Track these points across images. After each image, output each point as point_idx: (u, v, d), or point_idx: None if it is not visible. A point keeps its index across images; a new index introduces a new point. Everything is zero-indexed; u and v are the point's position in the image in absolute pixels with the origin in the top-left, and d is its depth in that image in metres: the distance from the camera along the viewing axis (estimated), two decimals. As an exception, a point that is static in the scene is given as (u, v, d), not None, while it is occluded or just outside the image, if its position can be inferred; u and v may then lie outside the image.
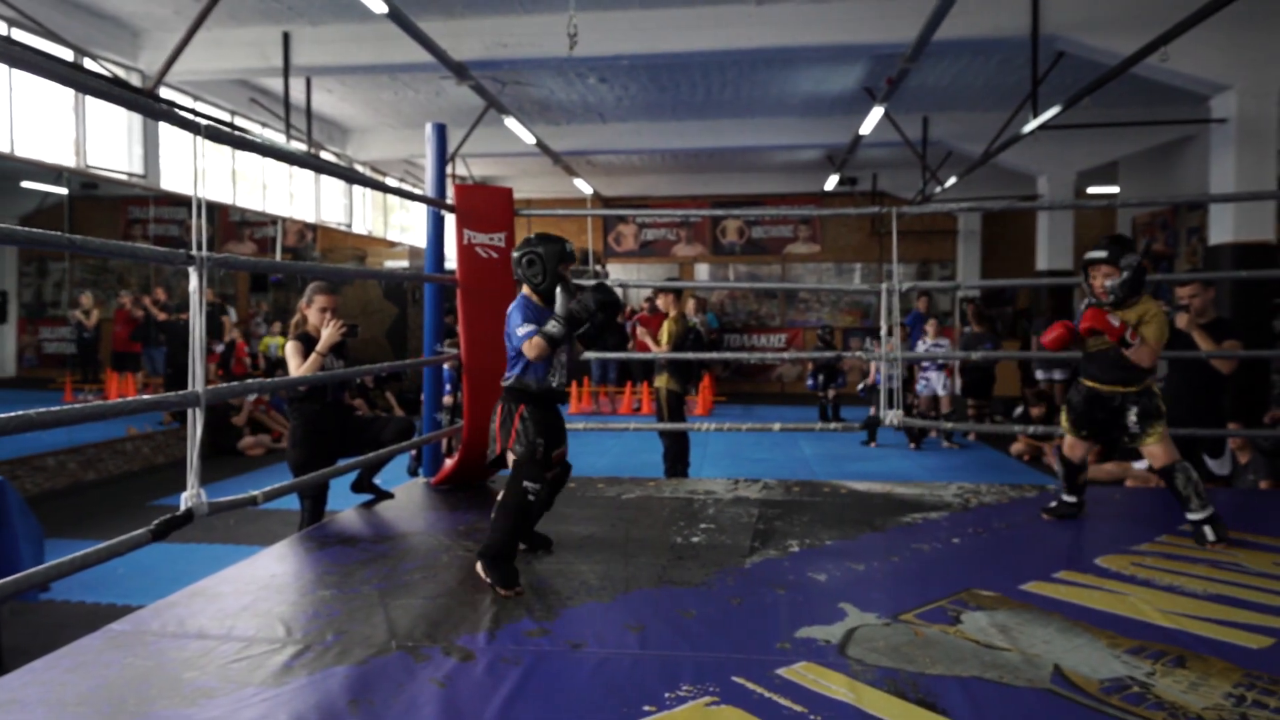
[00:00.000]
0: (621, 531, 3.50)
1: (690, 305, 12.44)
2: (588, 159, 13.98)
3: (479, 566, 2.78)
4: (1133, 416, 3.41)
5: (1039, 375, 9.81)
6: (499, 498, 2.88)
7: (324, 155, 11.42)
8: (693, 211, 14.72)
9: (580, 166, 14.50)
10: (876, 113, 8.88)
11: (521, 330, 2.87)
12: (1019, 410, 8.56)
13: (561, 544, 3.29)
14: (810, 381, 10.77)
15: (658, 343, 6.85)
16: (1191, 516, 3.28)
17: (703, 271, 16.49)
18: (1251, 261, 6.58)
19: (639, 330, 7.13)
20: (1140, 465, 5.98)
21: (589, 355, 4.99)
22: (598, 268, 15.64)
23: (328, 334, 3.70)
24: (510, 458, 2.91)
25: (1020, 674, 2.15)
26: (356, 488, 4.05)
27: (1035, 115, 7.44)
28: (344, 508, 3.95)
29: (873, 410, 7.93)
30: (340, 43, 7.98)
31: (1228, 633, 2.43)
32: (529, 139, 10.41)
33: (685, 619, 2.51)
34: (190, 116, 2.52)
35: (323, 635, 2.36)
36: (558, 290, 2.89)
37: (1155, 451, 3.39)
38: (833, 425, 4.48)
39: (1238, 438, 5.56)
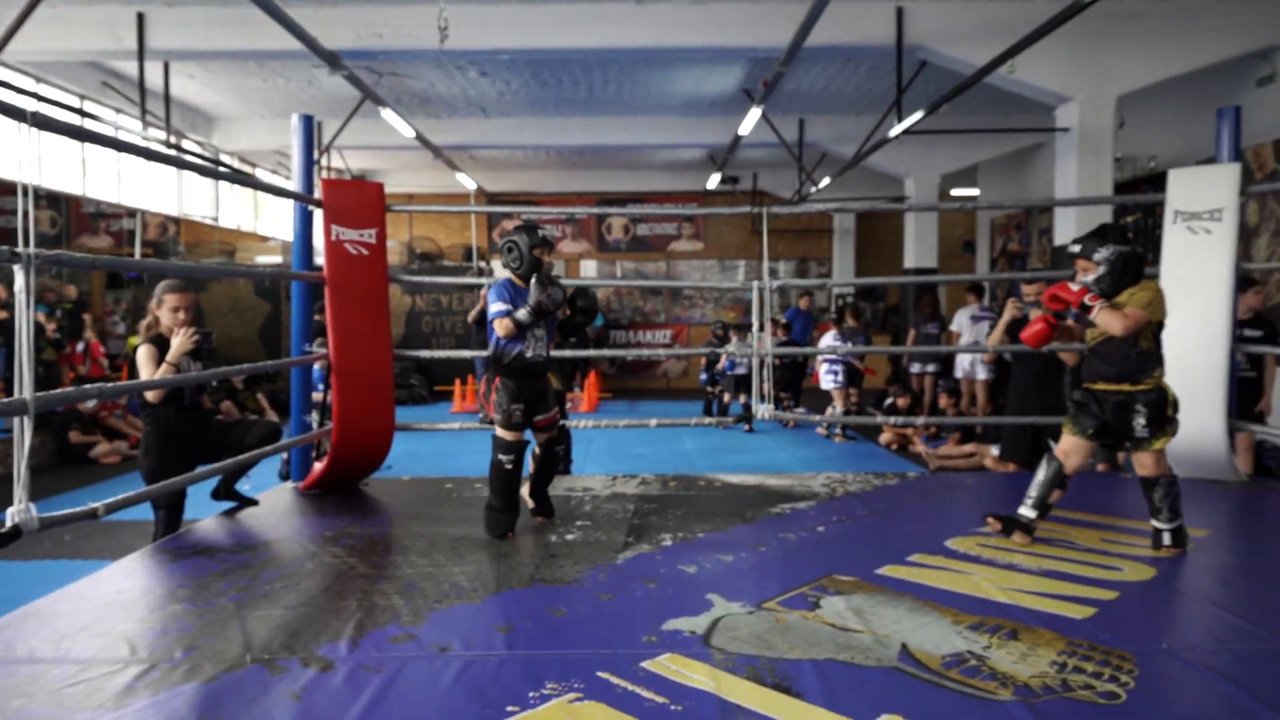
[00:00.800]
0: (496, 531, 3.48)
1: (576, 302, 12.46)
2: (470, 154, 13.75)
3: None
4: (1141, 420, 3.08)
5: (914, 369, 10.29)
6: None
7: (186, 145, 10.81)
8: (578, 209, 14.71)
9: (463, 161, 14.25)
10: (754, 114, 9.10)
11: (495, 308, 3.34)
12: (888, 401, 8.96)
13: (434, 546, 3.25)
14: (704, 376, 10.98)
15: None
16: (1157, 524, 3.13)
17: (589, 268, 16.50)
18: (1091, 261, 7.11)
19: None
20: (995, 448, 6.37)
21: (475, 354, 5.00)
22: (482, 264, 15.42)
23: (178, 343, 3.51)
24: (496, 430, 3.41)
25: (870, 654, 2.27)
26: (217, 495, 3.87)
27: (900, 120, 7.80)
28: (205, 517, 3.76)
29: (727, 397, 8.27)
30: (201, 26, 7.55)
31: (1056, 605, 2.63)
32: (408, 132, 10.15)
33: (555, 617, 2.52)
34: (14, 103, 2.34)
35: (171, 652, 2.25)
36: (533, 281, 3.31)
37: (1146, 460, 3.12)
38: (708, 420, 4.58)
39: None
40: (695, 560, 3.08)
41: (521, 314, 3.29)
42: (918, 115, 7.60)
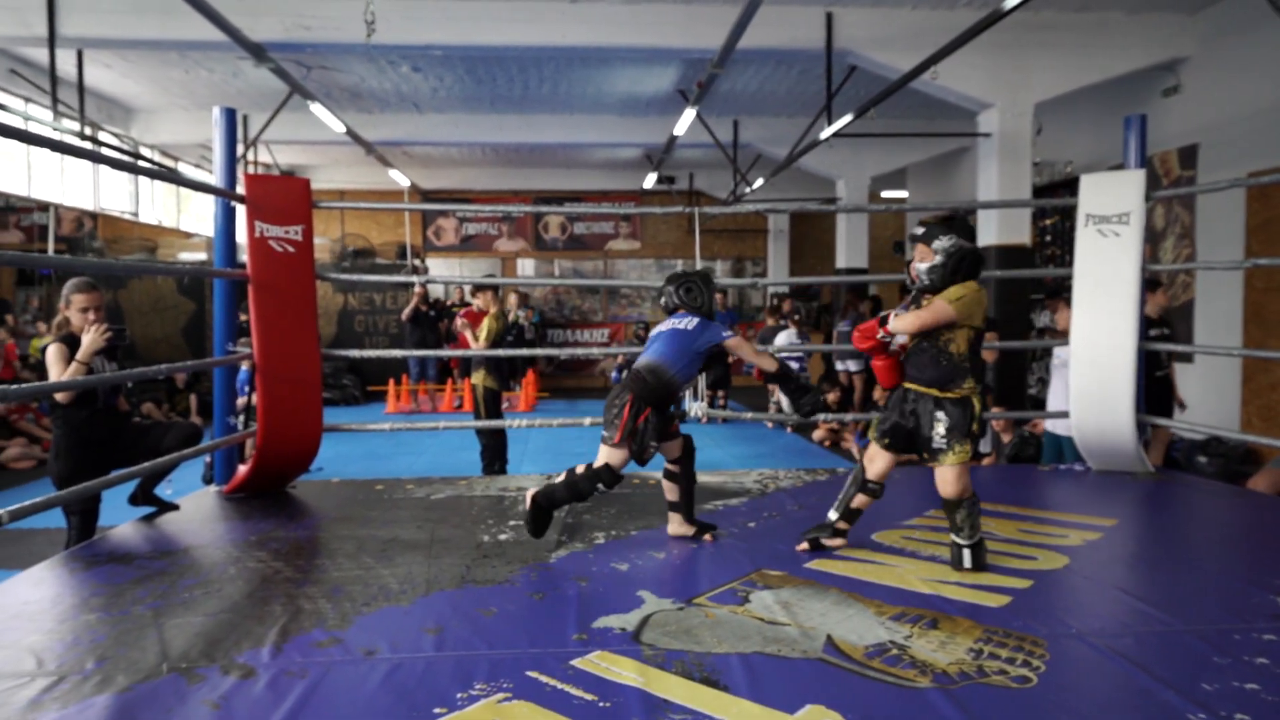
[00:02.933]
0: (427, 533, 3.45)
1: (513, 300, 12.37)
2: (404, 150, 13.54)
3: (528, 499, 3.17)
4: (940, 429, 2.89)
5: (839, 366, 10.51)
6: (580, 467, 3.15)
7: (103, 137, 10.39)
8: (514, 207, 14.59)
9: (396, 157, 14.02)
10: (689, 114, 9.18)
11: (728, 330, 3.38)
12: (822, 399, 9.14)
13: (362, 549, 3.20)
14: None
15: (476, 339, 6.75)
16: (957, 539, 2.96)
17: (526, 267, 16.41)
18: (1011, 262, 7.38)
19: (459, 323, 7.00)
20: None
21: (408, 354, 4.90)
22: (416, 262, 15.19)
23: (88, 340, 3.39)
24: (612, 452, 3.15)
25: (796, 646, 2.32)
26: (135, 500, 3.74)
27: (830, 123, 7.96)
28: (122, 523, 3.63)
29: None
30: (117, 13, 7.27)
31: (974, 595, 2.72)
32: (338, 127, 9.94)
33: (485, 617, 2.51)
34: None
35: (82, 664, 2.17)
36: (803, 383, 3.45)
37: (948, 476, 2.91)
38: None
39: (1001, 420, 6.22)
40: (627, 558, 3.10)
41: (795, 394, 3.44)
42: (847, 118, 7.76)
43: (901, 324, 2.90)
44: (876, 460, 3.12)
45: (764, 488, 4.27)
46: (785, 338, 9.85)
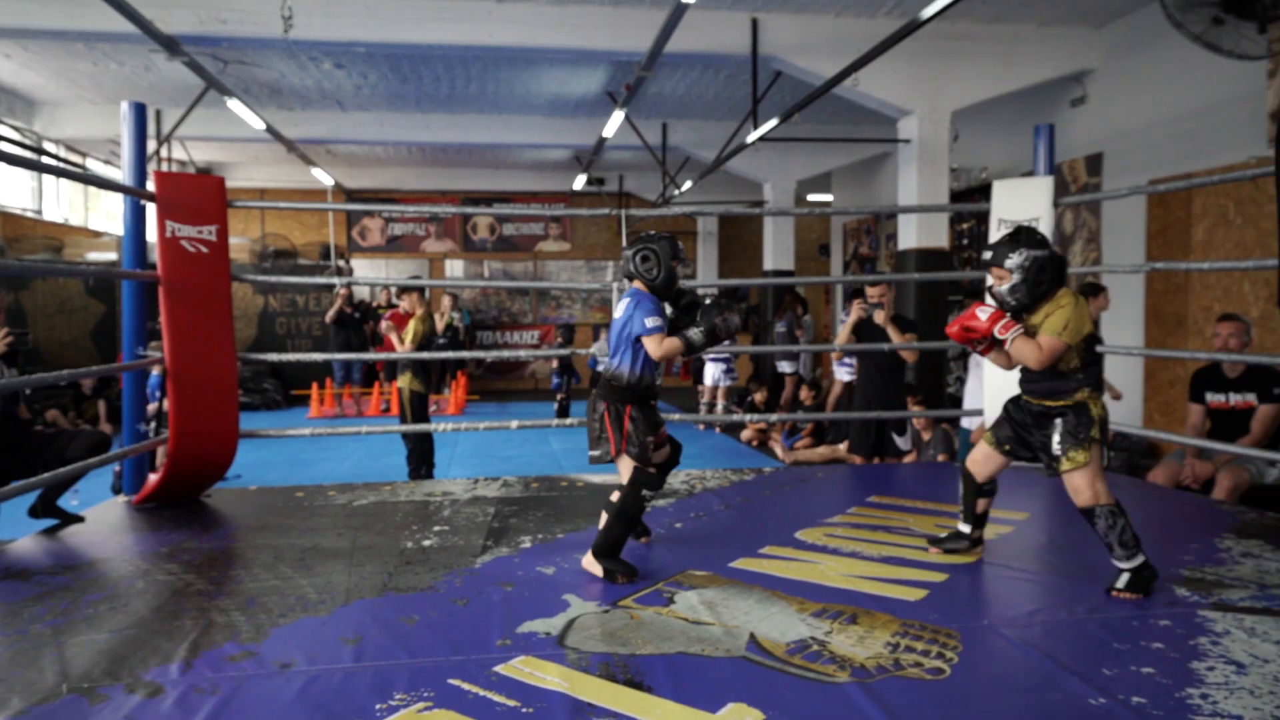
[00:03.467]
0: (349, 540, 3.37)
1: (447, 303, 12.19)
2: (327, 148, 13.22)
3: (585, 561, 2.94)
4: (1056, 436, 2.83)
5: (779, 368, 10.66)
6: (616, 500, 2.94)
7: (1, 130, 9.88)
8: (442, 208, 14.40)
9: (319, 156, 13.68)
10: (618, 117, 9.20)
11: (652, 322, 2.89)
12: (749, 399, 9.25)
13: (280, 558, 3.11)
14: (555, 380, 10.96)
15: (402, 341, 6.64)
16: (1116, 563, 2.77)
17: (454, 268, 16.20)
18: (931, 264, 7.60)
19: (384, 326, 6.87)
20: (844, 446, 6.68)
21: (333, 357, 4.75)
22: (340, 263, 14.84)
23: (-15, 343, 3.22)
24: (623, 461, 2.96)
25: (720, 645, 2.34)
26: (35, 512, 3.57)
27: (756, 127, 8.07)
28: (22, 536, 3.46)
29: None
30: (17, 0, 6.92)
31: (893, 589, 2.79)
32: (257, 124, 9.64)
33: (406, 626, 2.47)
34: None
35: (-28, 687, 2.05)
36: (707, 303, 2.98)
37: (1076, 484, 2.81)
38: (569, 420, 4.59)
39: (921, 418, 6.40)
40: (554, 561, 3.08)
41: (695, 335, 2.92)
42: (773, 123, 7.88)
43: (1020, 354, 2.81)
44: (988, 464, 3.08)
45: (691, 488, 4.31)
46: None
